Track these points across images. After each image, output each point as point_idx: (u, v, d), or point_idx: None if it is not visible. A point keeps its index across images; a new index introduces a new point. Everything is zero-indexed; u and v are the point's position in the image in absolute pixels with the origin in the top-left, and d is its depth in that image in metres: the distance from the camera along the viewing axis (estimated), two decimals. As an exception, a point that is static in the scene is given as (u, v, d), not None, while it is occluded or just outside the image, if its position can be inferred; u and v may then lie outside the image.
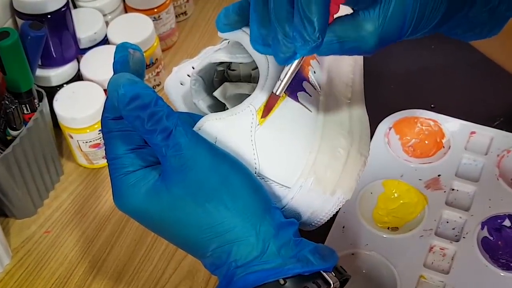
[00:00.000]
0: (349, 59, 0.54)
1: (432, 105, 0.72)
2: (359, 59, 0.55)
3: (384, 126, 0.69)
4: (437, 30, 0.42)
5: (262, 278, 0.41)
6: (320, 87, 0.50)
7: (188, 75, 0.53)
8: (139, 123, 0.41)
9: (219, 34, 0.48)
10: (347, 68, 0.53)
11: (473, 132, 0.68)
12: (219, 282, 0.43)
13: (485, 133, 0.68)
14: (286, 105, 0.46)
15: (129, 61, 0.44)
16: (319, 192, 0.46)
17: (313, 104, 0.48)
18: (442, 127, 0.68)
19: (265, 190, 0.44)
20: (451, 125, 0.68)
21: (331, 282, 0.41)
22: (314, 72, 0.49)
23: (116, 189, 0.43)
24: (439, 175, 0.65)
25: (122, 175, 0.43)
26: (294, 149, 0.46)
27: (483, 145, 0.67)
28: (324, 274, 0.42)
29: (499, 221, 0.61)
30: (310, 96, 0.48)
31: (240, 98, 0.47)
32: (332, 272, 0.42)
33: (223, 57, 0.49)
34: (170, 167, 0.41)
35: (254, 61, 0.47)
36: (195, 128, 0.45)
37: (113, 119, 0.43)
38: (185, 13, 0.87)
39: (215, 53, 0.49)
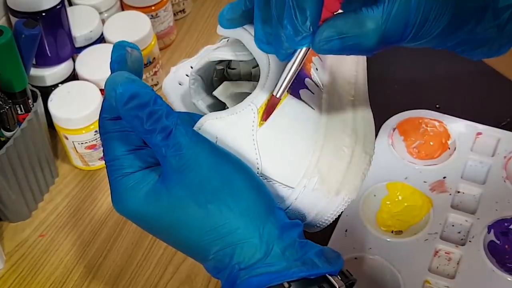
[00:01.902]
0: (352, 57, 0.53)
1: (437, 105, 0.71)
2: (362, 56, 0.54)
3: (387, 127, 0.69)
4: (445, 45, 0.41)
5: (266, 281, 0.40)
6: (322, 85, 0.49)
7: (187, 75, 0.53)
8: (137, 122, 0.40)
9: (219, 31, 0.48)
10: (350, 65, 0.52)
11: (479, 133, 0.68)
12: (222, 285, 0.42)
13: (491, 134, 0.67)
14: (288, 103, 0.46)
15: (127, 60, 0.44)
16: (324, 192, 0.45)
17: (315, 102, 0.47)
18: (448, 128, 0.68)
19: (268, 190, 0.44)
20: (457, 126, 0.68)
21: (337, 286, 0.41)
22: (316, 69, 0.49)
23: (114, 192, 0.43)
24: (444, 177, 0.65)
25: (120, 176, 0.42)
26: (297, 148, 0.45)
27: (490, 147, 0.67)
28: (330, 277, 0.41)
29: (506, 224, 0.61)
30: (313, 93, 0.48)
31: (241, 97, 0.47)
32: (338, 276, 0.42)
33: (223, 55, 0.48)
34: (170, 167, 0.41)
35: (254, 59, 0.47)
36: (195, 128, 0.44)
37: (111, 120, 0.43)
38: (183, 11, 0.86)
39: (215, 51, 0.48)
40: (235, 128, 0.44)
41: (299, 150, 0.45)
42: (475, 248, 0.59)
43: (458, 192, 0.64)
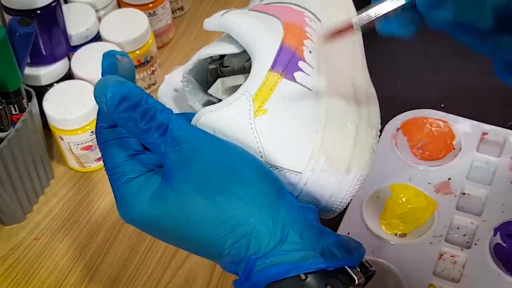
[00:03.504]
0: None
1: (441, 105, 0.71)
2: (358, 36, 0.53)
3: (391, 127, 0.68)
4: None
5: (282, 272, 0.39)
6: (318, 65, 0.48)
7: (181, 81, 0.52)
8: (132, 124, 0.40)
9: (205, 26, 0.47)
10: (347, 42, 0.51)
11: (485, 133, 0.67)
12: (239, 277, 0.41)
13: (497, 134, 0.67)
14: (284, 86, 0.45)
15: (117, 68, 0.43)
16: (333, 172, 0.44)
17: (312, 83, 0.46)
18: (453, 128, 0.68)
19: (276, 175, 0.42)
20: (462, 126, 0.68)
21: (356, 279, 0.39)
22: (310, 52, 0.48)
23: (119, 199, 0.42)
24: (449, 179, 0.64)
25: (123, 183, 0.41)
26: (299, 131, 0.44)
27: (496, 147, 0.67)
28: (349, 269, 0.40)
29: (512, 227, 0.61)
30: (308, 75, 0.46)
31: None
32: (357, 268, 0.40)
33: (213, 50, 0.48)
34: (172, 164, 0.40)
35: (245, 51, 0.46)
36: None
37: (108, 128, 0.42)
38: (181, 8, 0.86)
39: (204, 49, 0.48)
40: (232, 119, 0.44)
41: (302, 132, 0.44)
42: (481, 251, 0.59)
43: (464, 193, 0.64)
